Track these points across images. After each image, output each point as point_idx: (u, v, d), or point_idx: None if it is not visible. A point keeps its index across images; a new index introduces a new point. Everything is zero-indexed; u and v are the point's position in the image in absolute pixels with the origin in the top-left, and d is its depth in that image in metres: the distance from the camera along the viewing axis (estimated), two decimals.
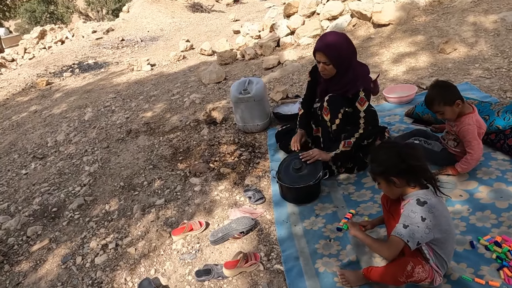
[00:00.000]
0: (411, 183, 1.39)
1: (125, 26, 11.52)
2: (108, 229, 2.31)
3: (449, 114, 1.92)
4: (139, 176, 2.81)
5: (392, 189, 1.43)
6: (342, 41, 2.05)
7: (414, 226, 1.30)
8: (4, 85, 6.96)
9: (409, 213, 1.33)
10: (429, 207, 1.32)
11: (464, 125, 1.89)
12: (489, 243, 1.60)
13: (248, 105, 3.00)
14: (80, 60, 8.37)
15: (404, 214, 1.35)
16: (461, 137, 1.94)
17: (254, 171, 2.59)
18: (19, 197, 2.94)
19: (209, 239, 1.99)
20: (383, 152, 1.44)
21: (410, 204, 1.35)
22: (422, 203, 1.33)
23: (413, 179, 1.39)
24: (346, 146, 2.09)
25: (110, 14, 27.53)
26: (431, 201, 1.34)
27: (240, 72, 4.99)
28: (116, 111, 4.46)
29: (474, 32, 3.82)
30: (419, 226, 1.30)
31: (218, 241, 1.97)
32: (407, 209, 1.35)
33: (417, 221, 1.30)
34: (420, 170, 1.38)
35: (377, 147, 1.50)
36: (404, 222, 1.33)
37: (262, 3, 13.31)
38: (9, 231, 2.49)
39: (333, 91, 2.14)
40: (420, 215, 1.31)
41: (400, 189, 1.42)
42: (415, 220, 1.31)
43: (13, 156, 3.79)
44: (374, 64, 3.87)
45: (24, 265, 2.16)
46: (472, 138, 1.88)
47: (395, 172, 1.38)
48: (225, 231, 1.98)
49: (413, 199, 1.36)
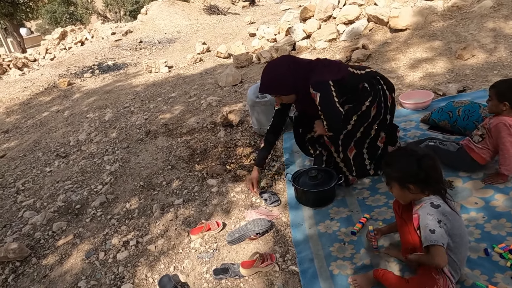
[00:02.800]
0: (425, 191, 1.43)
1: (143, 28, 11.75)
2: (129, 226, 2.41)
3: (492, 106, 2.00)
4: (158, 176, 2.91)
5: (405, 194, 1.47)
6: (278, 73, 2.04)
7: (438, 228, 1.32)
8: (28, 85, 7.22)
9: (427, 215, 1.36)
10: (442, 211, 1.36)
11: (501, 121, 1.94)
12: (504, 251, 1.61)
13: (264, 109, 3.06)
14: (100, 61, 8.60)
15: (422, 218, 1.37)
16: (495, 133, 1.96)
17: (270, 174, 2.65)
18: (44, 193, 3.08)
19: (226, 239, 2.05)
20: (402, 158, 1.48)
21: (424, 207, 1.39)
22: (436, 206, 1.37)
23: (428, 188, 1.43)
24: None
25: (127, 15, 28.04)
26: (444, 205, 1.38)
27: (256, 75, 5.06)
28: (135, 112, 4.59)
29: (493, 38, 3.79)
30: (440, 227, 1.33)
31: (234, 241, 2.03)
32: (423, 212, 1.38)
33: (436, 223, 1.33)
34: (437, 180, 1.42)
35: (396, 152, 1.54)
36: (429, 227, 1.33)
37: (277, 6, 13.37)
38: (36, 226, 2.61)
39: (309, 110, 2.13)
40: (436, 217, 1.34)
41: (413, 195, 1.46)
42: (434, 221, 1.33)
43: (37, 154, 3.95)
44: (390, 70, 3.88)
45: (50, 258, 2.28)
46: (506, 135, 1.91)
47: (413, 180, 1.42)
48: (242, 232, 2.04)
49: (426, 203, 1.40)
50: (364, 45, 4.40)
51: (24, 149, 4.19)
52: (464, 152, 2.11)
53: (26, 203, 2.96)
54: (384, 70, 3.90)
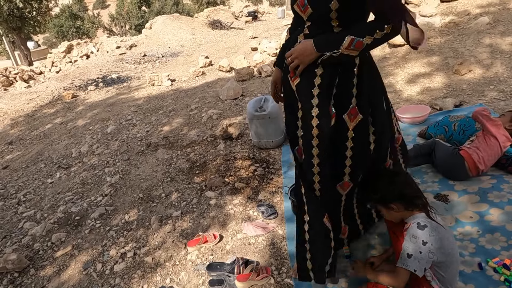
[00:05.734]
0: (408, 208, 1.46)
1: (147, 42, 11.96)
2: (127, 238, 2.43)
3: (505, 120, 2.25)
4: (158, 188, 2.94)
5: (392, 214, 1.51)
6: None
7: (417, 254, 1.34)
8: (33, 97, 7.34)
9: (411, 238, 1.38)
10: (429, 231, 1.37)
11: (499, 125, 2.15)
12: (498, 266, 1.62)
13: (263, 122, 3.11)
14: (104, 74, 8.74)
15: (406, 239, 1.40)
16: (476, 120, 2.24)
17: (268, 186, 2.67)
18: (44, 204, 3.11)
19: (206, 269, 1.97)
20: (378, 180, 1.53)
21: (412, 228, 1.40)
22: (422, 227, 1.38)
23: (408, 204, 1.45)
24: (353, 48, 1.29)
25: (133, 29, 28.59)
26: (432, 224, 1.39)
27: (256, 88, 5.13)
28: (137, 124, 4.65)
29: (490, 53, 3.84)
30: (422, 251, 1.34)
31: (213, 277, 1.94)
32: (409, 234, 1.40)
33: (419, 246, 1.35)
34: (413, 195, 1.46)
35: (371, 176, 1.58)
36: (408, 251, 1.37)
37: (279, 21, 13.59)
38: (35, 237, 2.64)
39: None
40: (421, 239, 1.35)
41: (400, 213, 1.49)
42: (417, 245, 1.35)
43: (40, 166, 4.00)
44: (389, 84, 3.94)
45: (48, 269, 2.29)
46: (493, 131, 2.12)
47: (391, 199, 1.46)
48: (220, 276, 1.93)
49: (414, 223, 1.41)
50: None
51: (27, 160, 4.25)
52: (458, 153, 2.19)
53: (26, 214, 2.99)
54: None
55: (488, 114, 2.16)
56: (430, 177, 2.34)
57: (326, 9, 1.28)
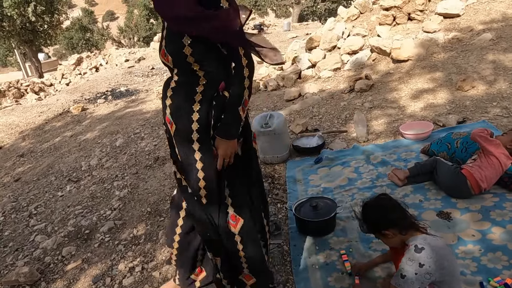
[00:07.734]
0: (401, 232, 1.50)
1: (155, 55, 12.19)
2: (135, 252, 2.49)
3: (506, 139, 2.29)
4: (165, 203, 3.00)
5: (389, 240, 1.55)
6: None
7: (412, 275, 1.38)
8: (44, 110, 7.52)
9: (407, 260, 1.42)
10: (427, 253, 1.39)
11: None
12: (499, 285, 1.64)
13: (269, 138, 3.18)
14: (113, 87, 8.93)
15: (403, 261, 1.44)
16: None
17: (273, 202, 2.72)
18: (55, 218, 3.19)
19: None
20: (365, 211, 1.60)
21: (409, 251, 1.44)
22: (419, 250, 1.41)
23: (400, 228, 1.50)
24: (246, 108, 1.56)
25: (141, 41, 29.11)
26: (431, 245, 1.42)
27: (262, 102, 5.22)
28: (145, 138, 4.75)
29: (493, 70, 3.89)
30: (418, 273, 1.38)
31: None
32: (406, 256, 1.44)
33: (415, 269, 1.38)
34: (400, 218, 1.51)
35: (361, 208, 1.64)
36: (402, 272, 1.42)
37: (285, 34, 13.78)
38: (46, 250, 2.71)
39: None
40: (417, 263, 1.39)
41: (398, 238, 1.52)
42: (413, 268, 1.39)
43: (50, 178, 4.10)
44: (392, 100, 3.99)
45: (59, 283, 2.35)
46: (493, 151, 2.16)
47: (382, 226, 1.51)
48: None
49: (412, 245, 1.44)
50: (367, 76, 4.54)
51: (38, 173, 4.35)
52: (460, 172, 2.23)
53: (37, 227, 3.07)
54: (387, 100, 4.01)
55: (486, 134, 2.19)
56: (433, 194, 2.37)
57: (182, 55, 1.41)
